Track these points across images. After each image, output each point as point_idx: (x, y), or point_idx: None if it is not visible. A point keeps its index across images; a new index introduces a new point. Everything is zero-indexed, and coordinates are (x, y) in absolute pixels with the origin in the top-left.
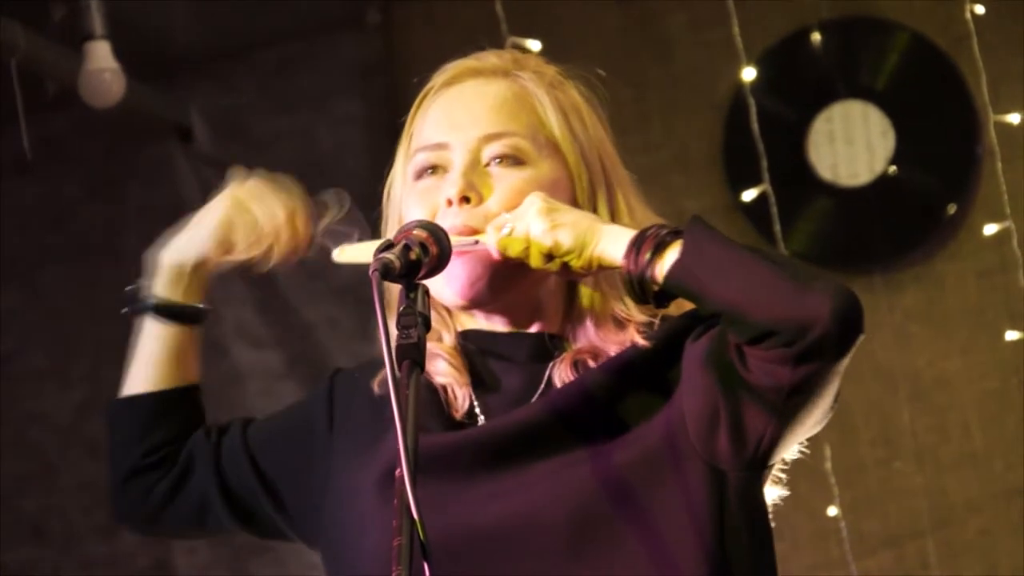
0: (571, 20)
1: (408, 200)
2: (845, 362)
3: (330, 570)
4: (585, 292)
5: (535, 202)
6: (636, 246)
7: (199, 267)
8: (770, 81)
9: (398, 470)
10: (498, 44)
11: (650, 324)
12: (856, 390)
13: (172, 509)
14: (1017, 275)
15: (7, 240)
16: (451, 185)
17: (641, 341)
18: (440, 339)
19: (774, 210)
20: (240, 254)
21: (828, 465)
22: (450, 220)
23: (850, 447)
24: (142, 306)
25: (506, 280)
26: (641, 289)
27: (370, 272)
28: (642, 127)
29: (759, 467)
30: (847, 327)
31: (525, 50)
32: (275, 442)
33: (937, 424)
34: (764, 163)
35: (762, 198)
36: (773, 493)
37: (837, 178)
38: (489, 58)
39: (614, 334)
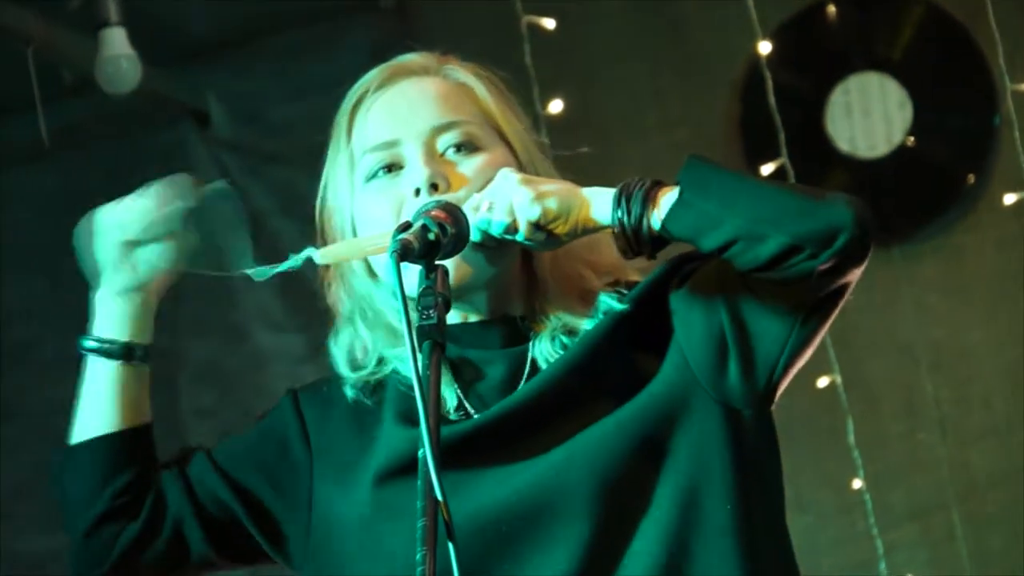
0: None
1: (364, 202)
2: (860, 271)
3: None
4: (545, 269)
5: (510, 176)
6: (624, 199)
7: (139, 298)
8: (786, 55)
9: (421, 451)
10: (513, 24)
11: (615, 289)
12: (878, 363)
13: (146, 551)
14: None
15: (26, 228)
16: (417, 174)
17: (618, 305)
18: None
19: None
20: (166, 274)
21: (851, 439)
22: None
23: (873, 420)
24: (86, 347)
25: (490, 263)
26: (637, 241)
27: (388, 254)
28: (659, 104)
29: (770, 400)
30: (867, 229)
31: (544, 32)
32: (250, 461)
33: (959, 395)
34: (782, 137)
35: (780, 172)
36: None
37: (855, 150)
38: (414, 59)
39: (582, 305)
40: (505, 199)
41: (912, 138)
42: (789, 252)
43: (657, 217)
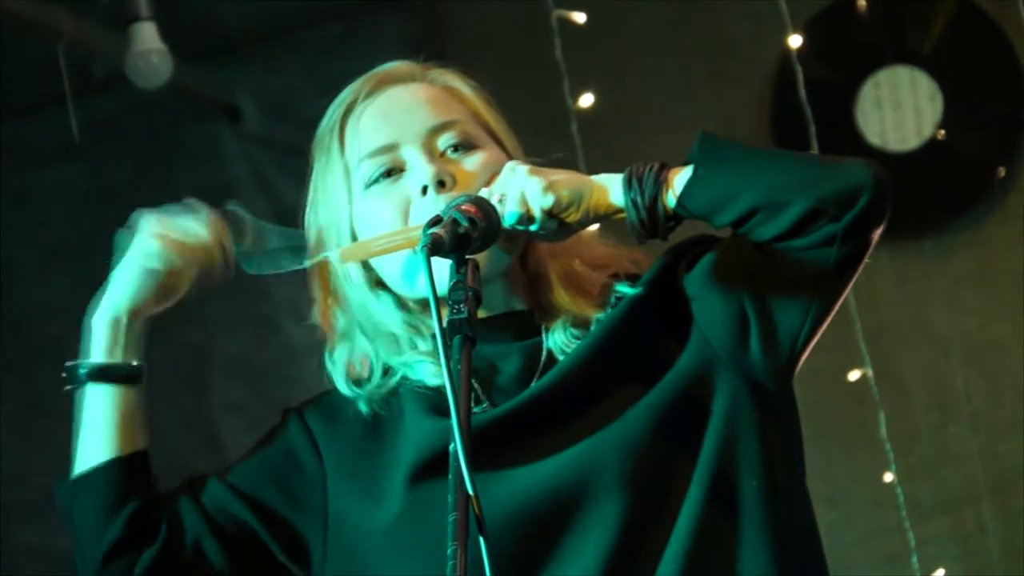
0: None
1: (366, 208)
2: (879, 233)
3: None
4: (544, 264)
5: (518, 167)
6: (634, 182)
7: (133, 322)
8: (817, 48)
9: (452, 445)
10: (544, 18)
11: (617, 277)
12: (909, 356)
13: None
14: None
15: (57, 223)
16: (422, 173)
17: (630, 289)
18: (415, 347)
19: None
20: (174, 297)
21: (883, 432)
22: (428, 208)
23: (905, 413)
24: (83, 375)
25: (503, 255)
26: (652, 221)
27: (419, 248)
28: (689, 97)
29: (790, 371)
30: (885, 190)
31: (575, 26)
32: (263, 478)
33: (991, 388)
34: (812, 130)
35: None
36: None
37: (886, 144)
38: (398, 66)
39: (586, 298)
40: (516, 190)
41: (942, 131)
42: (812, 216)
43: (672, 195)
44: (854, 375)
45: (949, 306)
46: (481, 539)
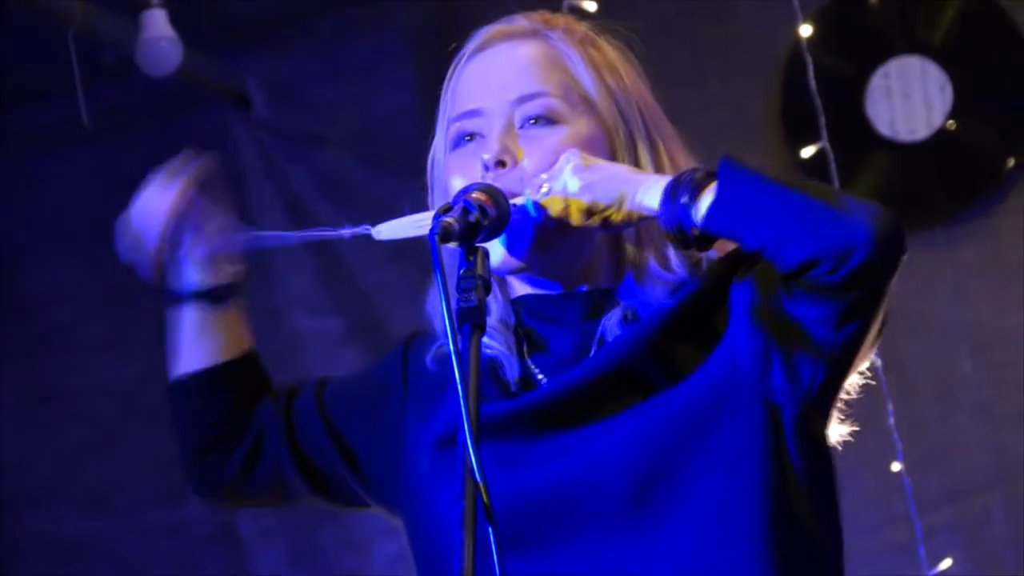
0: None
1: (447, 169)
2: (891, 284)
3: (409, 535)
4: (629, 246)
5: (570, 159)
6: (672, 192)
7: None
8: (827, 38)
9: (461, 434)
10: (555, 6)
11: (692, 271)
12: (917, 346)
13: (249, 480)
14: None
15: (66, 210)
16: (486, 150)
17: (687, 288)
18: (488, 312)
19: (832, 167)
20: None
21: (891, 421)
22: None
23: (912, 403)
24: (173, 298)
25: (549, 242)
26: (682, 234)
27: (429, 236)
28: (699, 86)
29: (817, 403)
30: (887, 247)
31: (583, 14)
32: (350, 406)
33: (998, 378)
34: (822, 120)
35: (820, 155)
36: (836, 434)
37: (895, 134)
38: (518, 20)
39: (658, 285)
40: (560, 184)
41: (952, 121)
42: (808, 265)
43: (698, 214)
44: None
45: (957, 296)
46: (490, 528)
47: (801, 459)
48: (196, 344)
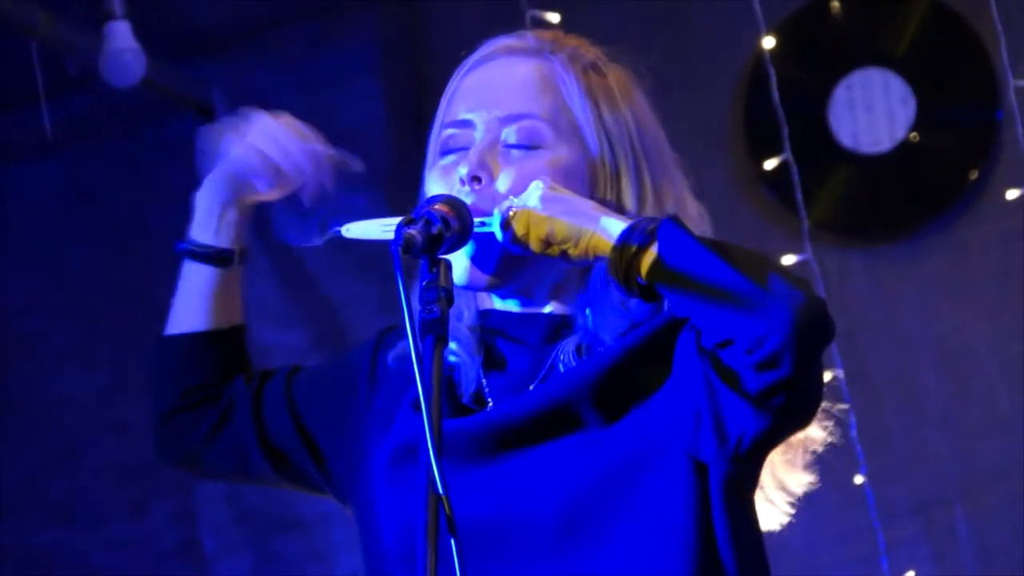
0: None
1: (431, 176)
2: (816, 367)
3: (360, 533)
4: (596, 275)
5: (539, 187)
6: (625, 240)
7: (226, 210)
8: (790, 49)
9: (423, 452)
10: (518, 18)
11: (653, 311)
12: (881, 358)
13: (211, 452)
14: None
15: (30, 221)
16: (464, 163)
17: (640, 331)
18: (459, 318)
19: (796, 179)
20: (262, 196)
21: (853, 433)
22: (462, 199)
23: (875, 415)
24: (178, 248)
25: (514, 263)
26: (627, 284)
27: (391, 247)
28: (661, 98)
29: (745, 463)
30: (806, 336)
31: (549, 25)
32: (318, 395)
33: (962, 390)
34: (785, 132)
35: (783, 167)
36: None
37: (858, 146)
38: (527, 37)
39: (616, 321)
40: (524, 210)
41: (915, 133)
42: (725, 343)
43: (644, 267)
44: (825, 376)
45: (921, 308)
46: (452, 541)
47: (726, 516)
48: (198, 303)
